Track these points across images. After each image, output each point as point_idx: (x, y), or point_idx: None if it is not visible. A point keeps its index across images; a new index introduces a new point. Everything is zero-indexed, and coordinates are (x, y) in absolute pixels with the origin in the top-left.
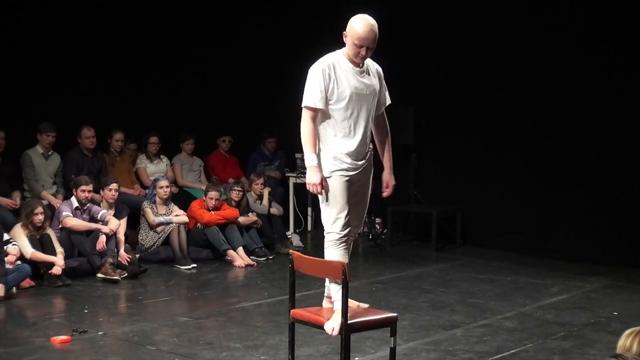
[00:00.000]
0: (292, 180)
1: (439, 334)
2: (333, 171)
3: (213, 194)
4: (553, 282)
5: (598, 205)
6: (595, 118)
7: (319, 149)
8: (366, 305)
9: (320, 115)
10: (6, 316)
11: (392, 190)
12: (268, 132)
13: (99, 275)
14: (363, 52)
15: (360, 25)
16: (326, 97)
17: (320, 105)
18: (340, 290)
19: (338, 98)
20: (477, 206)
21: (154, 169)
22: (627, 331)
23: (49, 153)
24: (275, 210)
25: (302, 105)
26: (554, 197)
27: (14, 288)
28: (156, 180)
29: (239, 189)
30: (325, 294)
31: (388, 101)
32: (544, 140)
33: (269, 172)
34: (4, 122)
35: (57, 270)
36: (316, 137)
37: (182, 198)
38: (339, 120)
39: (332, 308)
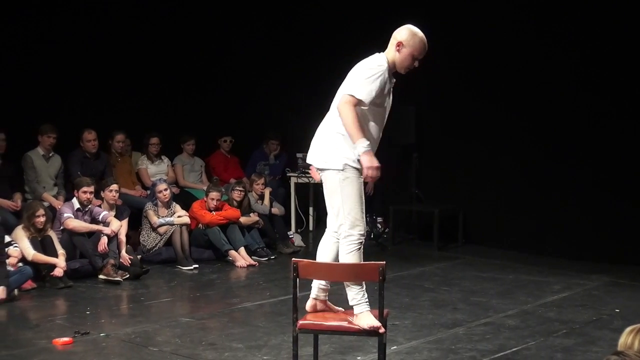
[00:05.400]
0: (293, 180)
1: (441, 332)
2: (359, 168)
3: (214, 194)
4: (555, 280)
5: (600, 203)
6: (595, 118)
7: (344, 142)
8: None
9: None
10: (8, 318)
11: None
12: (274, 133)
13: (101, 276)
14: (416, 64)
15: (421, 37)
16: (372, 98)
17: (368, 103)
18: (361, 292)
19: (380, 103)
20: (478, 205)
21: (155, 169)
22: (628, 329)
23: (50, 154)
24: (277, 210)
25: (352, 94)
26: (556, 195)
27: (16, 290)
28: (154, 185)
29: (241, 189)
30: (313, 296)
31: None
32: (546, 138)
33: (264, 172)
34: (5, 124)
35: (58, 272)
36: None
37: (183, 198)
38: (373, 125)
39: (329, 309)
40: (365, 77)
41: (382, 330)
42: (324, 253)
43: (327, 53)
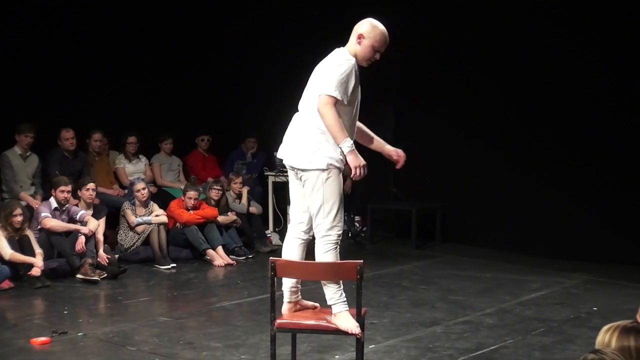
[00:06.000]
0: (271, 179)
1: (419, 331)
2: (340, 167)
3: (192, 193)
4: (533, 279)
5: (579, 202)
6: (578, 116)
7: (325, 141)
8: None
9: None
10: None
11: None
12: (251, 131)
13: (79, 276)
14: (377, 56)
15: (382, 29)
16: (347, 94)
17: (344, 99)
18: (338, 291)
19: (352, 99)
20: (456, 203)
21: (132, 168)
22: (606, 327)
23: (27, 154)
24: (255, 209)
25: (330, 94)
26: (533, 194)
27: None
28: (132, 184)
29: (218, 188)
30: (287, 300)
31: None
32: (525, 137)
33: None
34: None
35: (36, 271)
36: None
37: (161, 198)
38: (347, 119)
39: (310, 306)
40: (339, 74)
41: (359, 335)
42: (290, 256)
43: (305, 52)
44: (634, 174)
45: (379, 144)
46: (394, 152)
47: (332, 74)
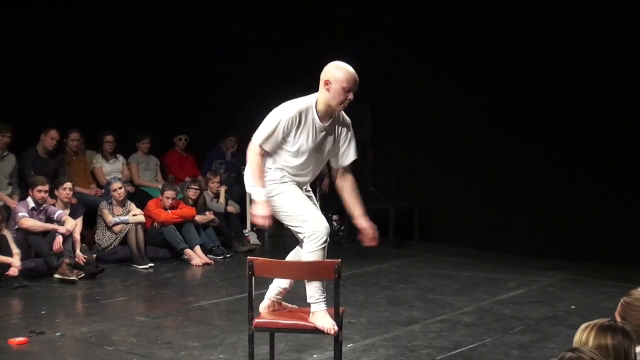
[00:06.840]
0: None
1: (397, 329)
2: (286, 182)
3: (169, 192)
4: (511, 277)
5: (555, 200)
6: (555, 114)
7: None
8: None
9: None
10: None
11: (376, 235)
12: (232, 131)
13: (56, 275)
14: (351, 96)
15: (347, 69)
16: (278, 144)
17: (267, 148)
18: (319, 290)
19: (297, 151)
20: (434, 202)
21: (110, 168)
22: (583, 325)
23: (4, 154)
24: (232, 208)
25: (253, 138)
26: (511, 193)
27: None
28: (109, 183)
29: (196, 187)
30: (269, 297)
31: (353, 157)
32: (502, 136)
33: (219, 170)
34: None
35: (13, 271)
36: (263, 171)
37: (138, 197)
38: (294, 166)
39: (289, 308)
40: (265, 122)
41: (334, 333)
42: (292, 258)
43: (285, 52)
44: (610, 172)
45: (356, 211)
46: (364, 228)
47: (263, 121)
